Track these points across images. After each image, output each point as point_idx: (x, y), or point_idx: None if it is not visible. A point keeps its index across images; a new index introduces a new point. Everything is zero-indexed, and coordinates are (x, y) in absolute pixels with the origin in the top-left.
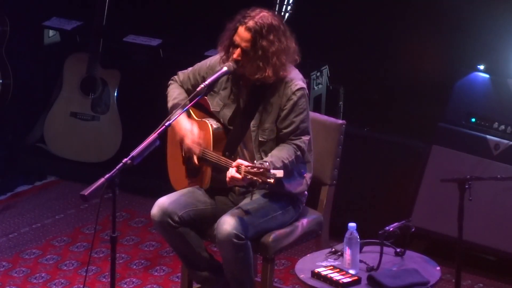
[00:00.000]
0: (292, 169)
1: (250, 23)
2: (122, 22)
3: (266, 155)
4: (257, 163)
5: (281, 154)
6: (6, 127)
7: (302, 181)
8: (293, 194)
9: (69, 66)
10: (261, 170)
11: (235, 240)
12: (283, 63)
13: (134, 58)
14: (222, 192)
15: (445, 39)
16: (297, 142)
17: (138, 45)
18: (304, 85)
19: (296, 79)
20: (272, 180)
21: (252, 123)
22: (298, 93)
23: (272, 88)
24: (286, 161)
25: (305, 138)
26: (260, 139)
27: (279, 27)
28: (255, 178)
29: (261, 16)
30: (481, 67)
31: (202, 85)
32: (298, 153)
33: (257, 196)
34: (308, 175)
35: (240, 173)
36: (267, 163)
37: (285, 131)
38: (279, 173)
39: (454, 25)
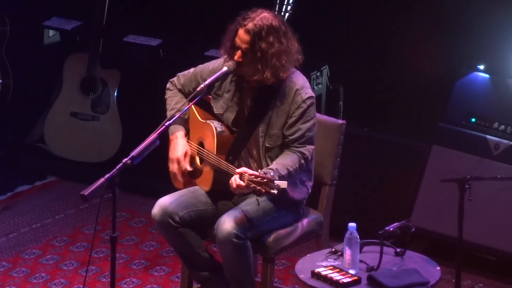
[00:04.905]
0: (295, 177)
1: (250, 25)
2: (122, 22)
3: (271, 161)
4: (261, 172)
5: (286, 161)
6: (6, 127)
7: (304, 190)
8: (295, 200)
9: (69, 66)
10: (265, 180)
11: (235, 240)
12: (283, 64)
13: (134, 58)
14: (224, 194)
15: (445, 39)
16: (302, 150)
17: (138, 45)
18: (314, 95)
19: (306, 88)
20: (275, 191)
21: (261, 128)
22: (308, 102)
23: (281, 94)
24: (291, 169)
25: (310, 147)
26: (267, 145)
27: (279, 28)
28: (259, 187)
29: (261, 17)
30: (481, 67)
31: (202, 85)
32: (302, 161)
33: (261, 198)
34: (309, 184)
35: (243, 181)
36: (272, 173)
37: (290, 137)
38: (283, 184)
39: (454, 25)
